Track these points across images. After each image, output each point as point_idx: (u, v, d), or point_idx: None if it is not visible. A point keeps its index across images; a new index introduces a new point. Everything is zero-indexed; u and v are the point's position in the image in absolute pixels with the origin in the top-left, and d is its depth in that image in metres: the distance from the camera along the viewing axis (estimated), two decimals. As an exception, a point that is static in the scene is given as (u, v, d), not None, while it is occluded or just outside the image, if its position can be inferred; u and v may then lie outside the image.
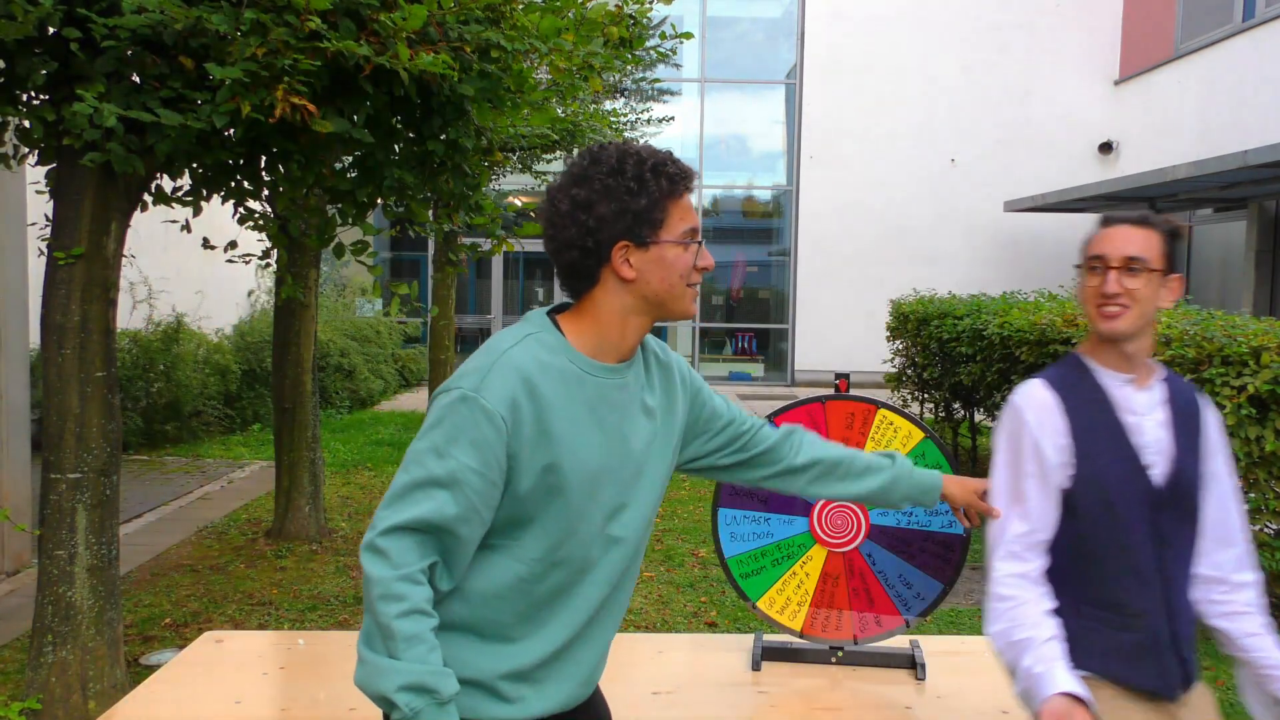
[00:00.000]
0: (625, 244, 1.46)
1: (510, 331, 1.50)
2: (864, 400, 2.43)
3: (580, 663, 1.55)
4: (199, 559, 5.28)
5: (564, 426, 1.44)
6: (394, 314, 5.18)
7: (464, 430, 1.39)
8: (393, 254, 16.31)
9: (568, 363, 1.47)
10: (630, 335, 1.52)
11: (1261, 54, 10.78)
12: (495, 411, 1.39)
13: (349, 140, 3.06)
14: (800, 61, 14.42)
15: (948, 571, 2.42)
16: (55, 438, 3.18)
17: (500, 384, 1.41)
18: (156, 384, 8.21)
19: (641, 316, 1.51)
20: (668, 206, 1.48)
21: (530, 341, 1.47)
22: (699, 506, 6.42)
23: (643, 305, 1.50)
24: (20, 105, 3.02)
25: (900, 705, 2.27)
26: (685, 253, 1.50)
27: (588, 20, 3.83)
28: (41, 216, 3.69)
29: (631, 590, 1.64)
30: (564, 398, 1.45)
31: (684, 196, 1.50)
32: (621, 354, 1.53)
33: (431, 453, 1.40)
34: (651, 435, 1.57)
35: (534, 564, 1.48)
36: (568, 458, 1.45)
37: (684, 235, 1.49)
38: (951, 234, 14.31)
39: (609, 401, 1.50)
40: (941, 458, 2.41)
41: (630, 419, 1.53)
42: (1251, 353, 4.10)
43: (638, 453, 1.54)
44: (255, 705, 2.24)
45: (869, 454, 1.89)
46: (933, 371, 7.96)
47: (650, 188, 1.46)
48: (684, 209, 1.50)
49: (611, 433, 1.50)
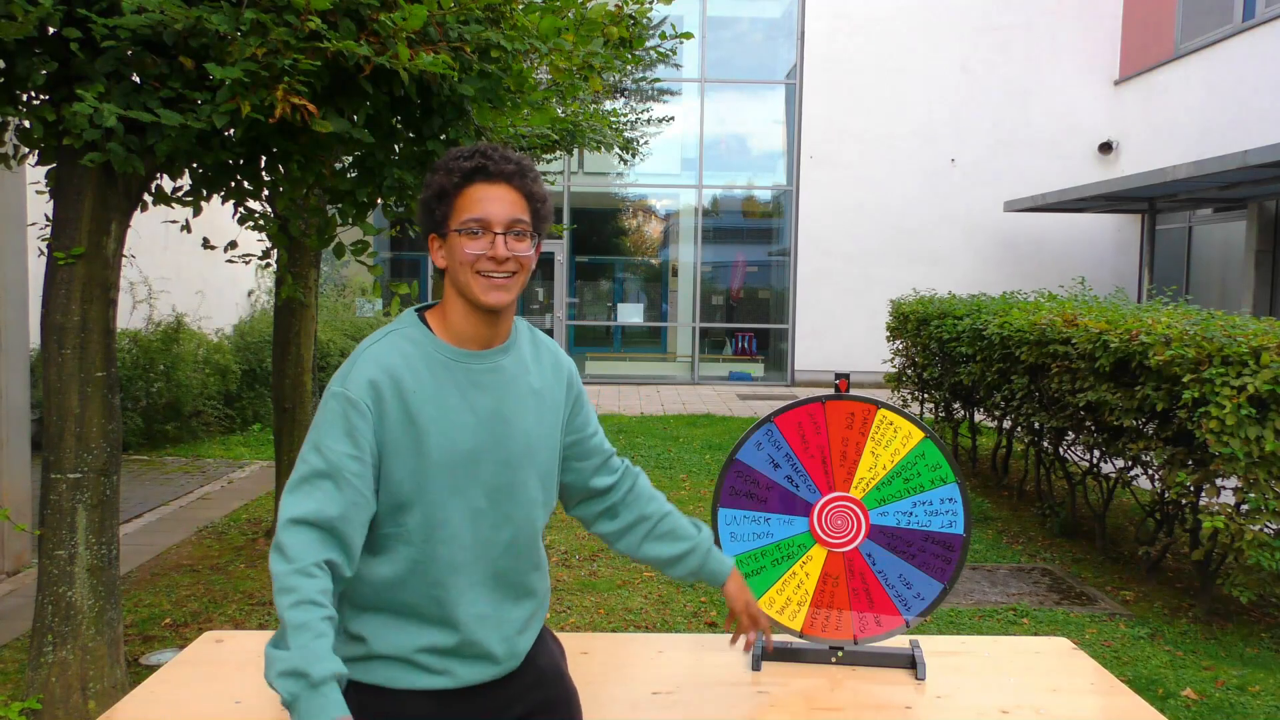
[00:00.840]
0: (431, 235, 1.59)
1: (378, 332, 1.62)
2: (864, 400, 2.43)
3: (495, 634, 1.63)
4: (199, 559, 5.28)
5: (431, 410, 1.54)
6: (394, 314, 5.17)
7: (335, 422, 1.51)
8: (393, 254, 16.32)
9: (433, 351, 1.57)
10: (472, 322, 1.59)
11: (1262, 54, 10.78)
12: (359, 400, 1.51)
13: (349, 140, 3.07)
14: (800, 61, 14.42)
15: (948, 571, 2.42)
16: (55, 438, 3.19)
17: (361, 376, 1.52)
18: (156, 384, 8.21)
19: (466, 304, 1.59)
20: (454, 198, 1.56)
21: (393, 336, 1.58)
22: (699, 506, 6.42)
23: (458, 293, 1.58)
24: (20, 105, 3.02)
25: (900, 705, 2.27)
26: (470, 241, 1.55)
27: (588, 20, 3.83)
28: (41, 216, 3.69)
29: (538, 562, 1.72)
30: (430, 384, 1.55)
31: (475, 186, 1.56)
32: (483, 340, 1.61)
33: (313, 449, 1.52)
34: (539, 414, 1.66)
35: (423, 545, 1.56)
36: (437, 439, 1.54)
37: (466, 223, 1.55)
38: (951, 234, 14.32)
39: (480, 385, 1.59)
40: (941, 458, 2.41)
41: (510, 401, 1.62)
42: (1251, 353, 4.10)
43: (523, 432, 1.63)
44: (255, 705, 2.24)
45: (679, 518, 1.93)
46: (933, 371, 7.96)
47: (438, 181, 1.57)
48: (472, 199, 1.56)
49: (485, 414, 1.58)
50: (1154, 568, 5.25)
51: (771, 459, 2.44)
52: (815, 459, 2.43)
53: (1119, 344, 4.74)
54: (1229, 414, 4.05)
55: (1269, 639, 4.41)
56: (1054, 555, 5.66)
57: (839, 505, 2.44)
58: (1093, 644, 4.29)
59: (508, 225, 1.57)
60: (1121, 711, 2.28)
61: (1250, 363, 4.09)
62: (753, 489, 2.45)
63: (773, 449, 2.44)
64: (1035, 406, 5.93)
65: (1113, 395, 4.87)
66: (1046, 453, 6.23)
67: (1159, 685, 3.85)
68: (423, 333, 1.59)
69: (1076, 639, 4.28)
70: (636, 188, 15.85)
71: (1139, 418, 4.85)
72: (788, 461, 2.44)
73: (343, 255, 3.75)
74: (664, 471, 7.70)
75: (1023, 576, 5.27)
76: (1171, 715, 3.59)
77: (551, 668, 1.78)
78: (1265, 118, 10.45)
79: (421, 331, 1.59)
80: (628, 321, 15.84)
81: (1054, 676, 2.44)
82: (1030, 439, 6.38)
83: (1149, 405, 4.62)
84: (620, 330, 16.00)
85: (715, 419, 10.74)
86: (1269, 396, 4.02)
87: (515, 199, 1.58)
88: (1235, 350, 4.13)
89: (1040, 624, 4.54)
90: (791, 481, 2.44)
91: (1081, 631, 4.45)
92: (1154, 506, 5.14)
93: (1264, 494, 4.10)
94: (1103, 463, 5.52)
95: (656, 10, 4.72)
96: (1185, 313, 5.10)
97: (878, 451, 2.42)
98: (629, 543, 1.91)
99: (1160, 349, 4.44)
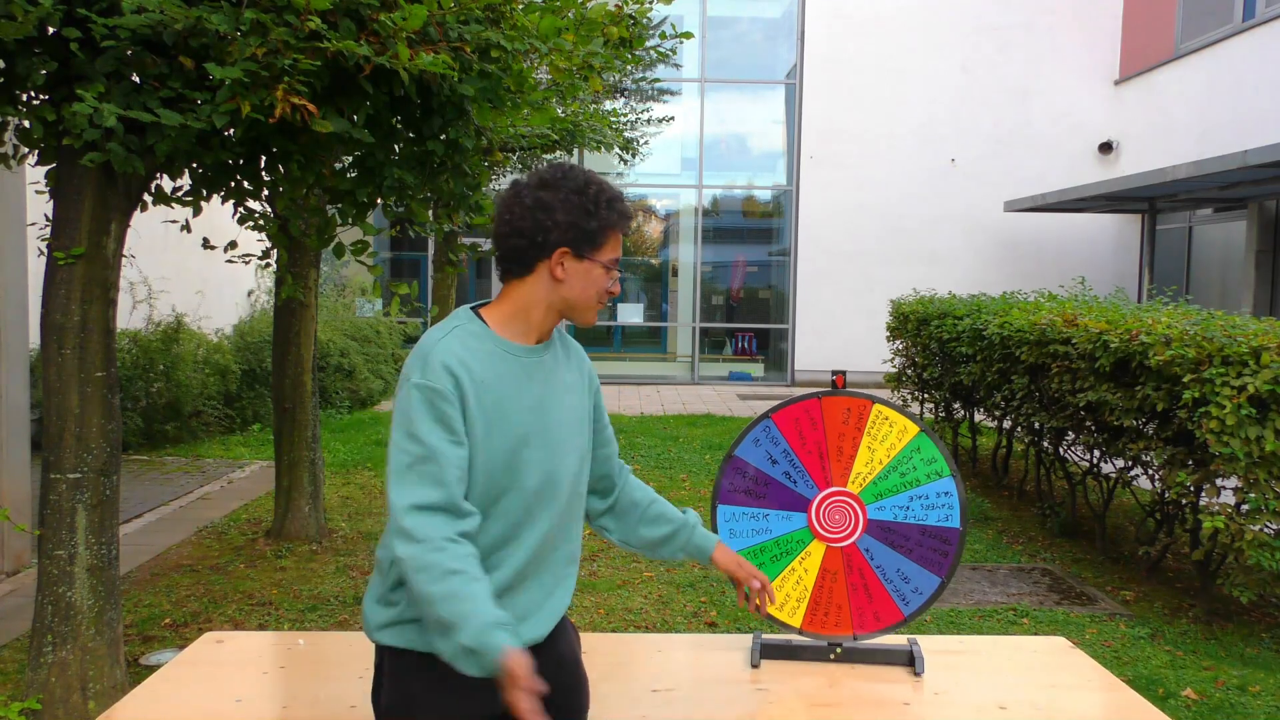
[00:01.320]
0: (566, 250, 1.72)
1: (439, 327, 1.75)
2: (860, 395, 2.43)
3: (531, 601, 1.78)
4: (199, 559, 5.28)
5: (495, 399, 1.69)
6: (394, 314, 5.18)
7: (424, 410, 1.63)
8: (393, 254, 16.31)
9: (493, 346, 1.72)
10: (545, 322, 1.78)
11: (1262, 54, 10.78)
12: (442, 388, 1.64)
13: (349, 140, 3.07)
14: (800, 61, 14.42)
15: (945, 565, 2.42)
16: (55, 438, 3.19)
17: (438, 365, 1.65)
18: (156, 384, 8.21)
19: (554, 312, 1.78)
20: (608, 234, 1.75)
21: (458, 331, 1.72)
22: (699, 506, 6.41)
23: (559, 303, 1.76)
24: (20, 105, 3.02)
25: (898, 702, 2.27)
26: (605, 276, 1.77)
27: (588, 20, 3.83)
28: (41, 216, 3.69)
29: (575, 538, 1.87)
30: (493, 375, 1.70)
31: (621, 232, 1.78)
32: (537, 337, 1.78)
33: (408, 437, 1.64)
34: (574, 405, 1.84)
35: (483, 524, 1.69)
36: (500, 425, 1.69)
37: (610, 261, 1.77)
38: (951, 234, 14.31)
39: (531, 377, 1.75)
40: (936, 452, 2.42)
41: (551, 392, 1.78)
42: (1252, 353, 4.10)
43: (562, 422, 1.79)
44: (255, 705, 2.24)
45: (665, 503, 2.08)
46: (933, 371, 7.97)
47: (602, 215, 1.73)
48: (617, 242, 1.78)
49: (535, 404, 1.74)
50: (1154, 568, 5.25)
51: (769, 455, 2.45)
52: (813, 455, 2.44)
53: (1119, 344, 4.74)
54: (1229, 414, 4.05)
55: (1269, 639, 4.41)
56: (1054, 555, 5.66)
57: (837, 500, 2.45)
58: (1093, 644, 4.29)
59: None
60: (1119, 707, 2.29)
61: (1250, 363, 4.09)
62: (751, 485, 2.46)
63: (770, 445, 2.45)
64: (1035, 406, 5.93)
65: (1113, 395, 4.87)
66: (1047, 453, 6.23)
67: (1159, 685, 3.85)
68: (482, 328, 1.74)
69: (1076, 639, 4.28)
70: (637, 188, 15.84)
71: (1139, 418, 4.85)
72: (785, 458, 2.44)
73: (343, 255, 3.75)
74: (664, 471, 7.70)
75: (1023, 576, 5.27)
76: (1172, 715, 3.59)
77: (571, 654, 1.92)
78: (1265, 118, 10.45)
79: (481, 327, 1.74)
80: (628, 321, 15.84)
81: (1052, 674, 2.45)
82: (1030, 439, 6.38)
83: (1149, 405, 4.62)
84: (620, 330, 16.00)
85: (715, 419, 10.74)
86: (1269, 396, 4.02)
87: None
88: (1235, 350, 4.13)
89: (1040, 624, 4.54)
90: (789, 477, 2.44)
91: (1082, 631, 4.45)
92: (1154, 506, 5.14)
93: (1264, 494, 4.10)
94: (1103, 463, 5.52)
95: (656, 10, 4.72)
96: (1185, 313, 5.10)
97: (874, 446, 2.42)
98: (625, 527, 2.05)
99: (1160, 349, 4.44)
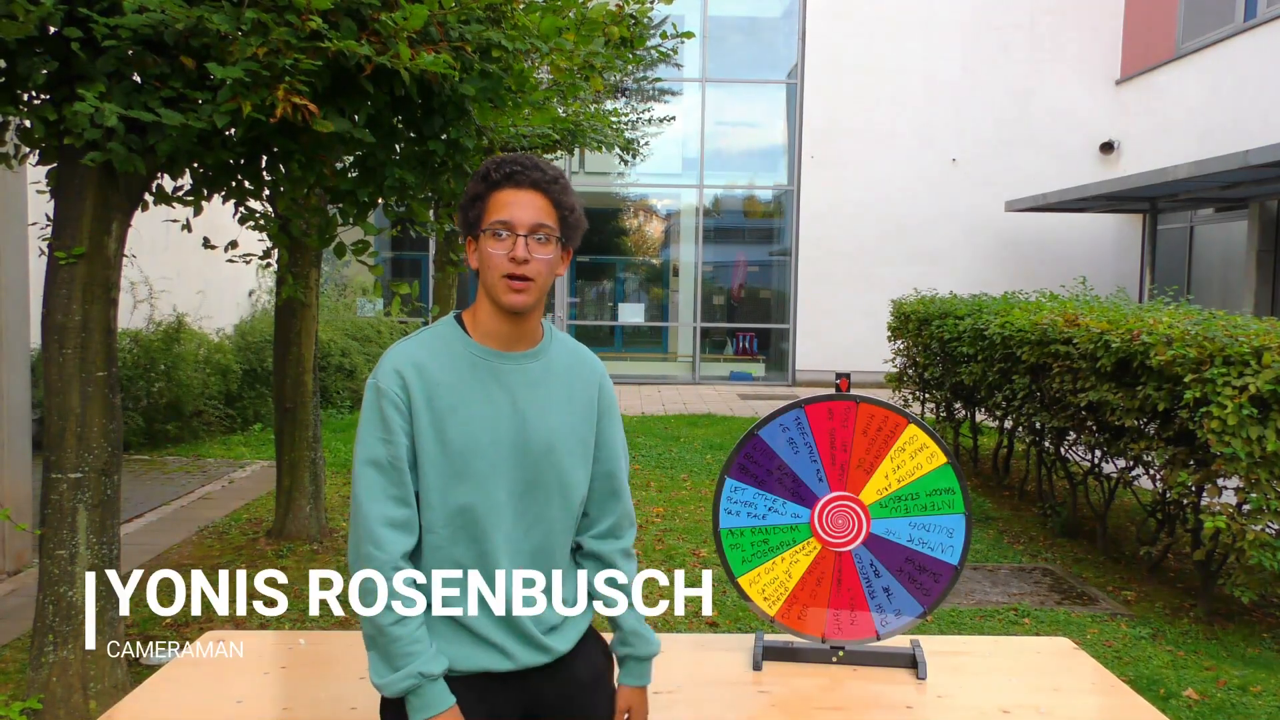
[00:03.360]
0: (469, 239, 1.67)
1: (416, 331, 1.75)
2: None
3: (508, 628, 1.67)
4: (200, 559, 5.28)
5: (452, 401, 1.63)
6: (395, 314, 5.16)
7: (371, 413, 1.64)
8: (393, 254, 16.29)
9: (461, 348, 1.67)
10: (497, 322, 1.67)
11: (1263, 54, 10.77)
12: (388, 388, 1.62)
13: (350, 140, 3.06)
14: (801, 61, 14.41)
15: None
16: (56, 437, 3.18)
17: (389, 366, 1.64)
18: (157, 384, 8.21)
19: (488, 303, 1.67)
20: (487, 201, 1.63)
21: (425, 333, 1.70)
22: (700, 506, 6.42)
23: (487, 292, 1.66)
24: (21, 105, 3.02)
25: (901, 705, 2.27)
26: (495, 243, 1.62)
27: (588, 20, 3.83)
28: (42, 216, 3.69)
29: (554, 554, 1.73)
30: (455, 377, 1.64)
31: (505, 191, 1.62)
32: (508, 340, 1.68)
33: (358, 441, 1.66)
34: (567, 418, 1.71)
35: (440, 530, 1.65)
36: (456, 428, 1.63)
37: (496, 223, 1.62)
38: (952, 233, 14.30)
39: (502, 383, 1.66)
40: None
41: (533, 400, 1.68)
42: (1253, 352, 4.09)
43: (546, 431, 1.67)
44: (256, 705, 2.24)
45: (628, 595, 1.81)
46: (934, 371, 7.96)
47: (476, 186, 1.65)
48: (501, 203, 1.63)
49: (505, 410, 1.65)
50: (1155, 568, 5.24)
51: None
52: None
53: (1120, 344, 4.74)
54: (1230, 414, 4.04)
55: (1270, 639, 4.40)
56: (1055, 555, 5.65)
57: (844, 505, 2.44)
58: (1094, 644, 4.29)
59: (531, 229, 1.63)
60: (1122, 710, 2.28)
61: (1252, 362, 4.08)
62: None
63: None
64: (1036, 406, 5.92)
65: (1114, 395, 4.86)
66: (1048, 453, 6.23)
67: (1160, 685, 3.85)
68: (454, 330, 1.69)
69: (1078, 639, 4.27)
70: (637, 187, 15.83)
71: (1140, 418, 4.84)
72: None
73: (343, 255, 3.75)
74: (664, 471, 7.69)
75: (1024, 576, 5.26)
76: (1173, 715, 3.58)
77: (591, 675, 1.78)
78: (1266, 117, 10.44)
79: (453, 329, 1.69)
80: (629, 321, 15.83)
81: (1055, 676, 2.44)
82: (1031, 439, 6.37)
83: (1150, 405, 4.61)
84: (621, 330, 15.99)
85: (716, 419, 10.74)
86: (1270, 396, 4.02)
87: (542, 205, 1.63)
88: (1237, 350, 4.13)
89: (1041, 624, 4.53)
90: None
91: (1083, 631, 4.45)
92: (1155, 506, 5.14)
93: (1265, 494, 4.09)
94: (1104, 463, 5.51)
95: (657, 10, 4.72)
96: (1187, 312, 5.09)
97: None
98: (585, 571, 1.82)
99: (1162, 349, 4.43)
